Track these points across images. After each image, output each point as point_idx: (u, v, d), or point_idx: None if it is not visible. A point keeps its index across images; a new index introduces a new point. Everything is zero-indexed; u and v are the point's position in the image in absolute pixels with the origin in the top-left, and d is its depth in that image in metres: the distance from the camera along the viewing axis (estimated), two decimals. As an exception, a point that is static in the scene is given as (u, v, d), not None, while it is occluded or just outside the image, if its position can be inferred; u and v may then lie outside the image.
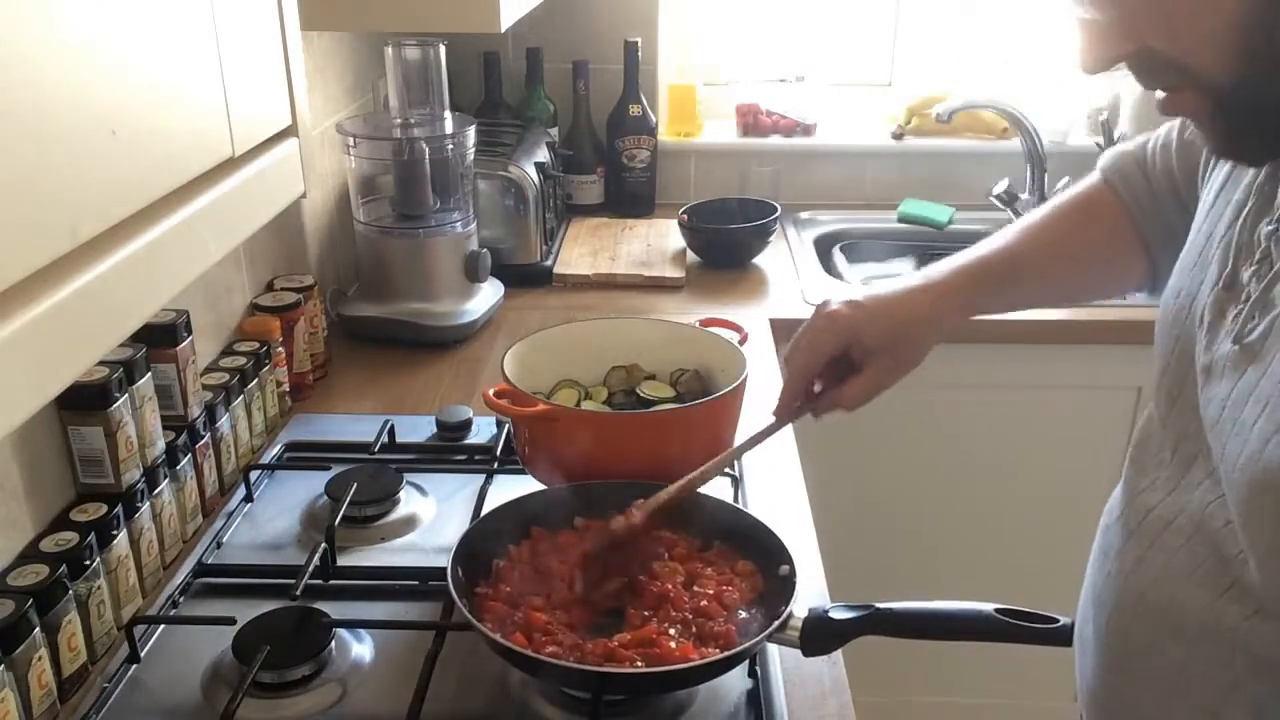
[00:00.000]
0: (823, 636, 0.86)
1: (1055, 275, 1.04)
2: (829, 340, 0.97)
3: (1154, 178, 0.99)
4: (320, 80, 1.65)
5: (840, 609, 0.87)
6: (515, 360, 1.16)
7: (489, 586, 0.95)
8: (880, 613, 0.85)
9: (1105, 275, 1.06)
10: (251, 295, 1.43)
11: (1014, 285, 1.02)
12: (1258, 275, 0.73)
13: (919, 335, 0.98)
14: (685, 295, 1.87)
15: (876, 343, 0.97)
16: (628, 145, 2.18)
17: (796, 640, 0.86)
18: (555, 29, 2.16)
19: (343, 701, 0.93)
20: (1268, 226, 0.74)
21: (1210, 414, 0.75)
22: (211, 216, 0.59)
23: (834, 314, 0.97)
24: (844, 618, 0.86)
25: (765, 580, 0.96)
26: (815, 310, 0.99)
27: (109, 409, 0.99)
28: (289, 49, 0.70)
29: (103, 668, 0.96)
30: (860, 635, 0.86)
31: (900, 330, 0.97)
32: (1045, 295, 1.10)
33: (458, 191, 1.65)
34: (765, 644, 0.89)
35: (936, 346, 1.01)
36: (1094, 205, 1.03)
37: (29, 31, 0.42)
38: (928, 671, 1.92)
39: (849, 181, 2.32)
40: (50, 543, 0.94)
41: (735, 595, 0.94)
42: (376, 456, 1.27)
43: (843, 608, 0.87)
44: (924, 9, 2.33)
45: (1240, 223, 0.77)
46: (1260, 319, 0.71)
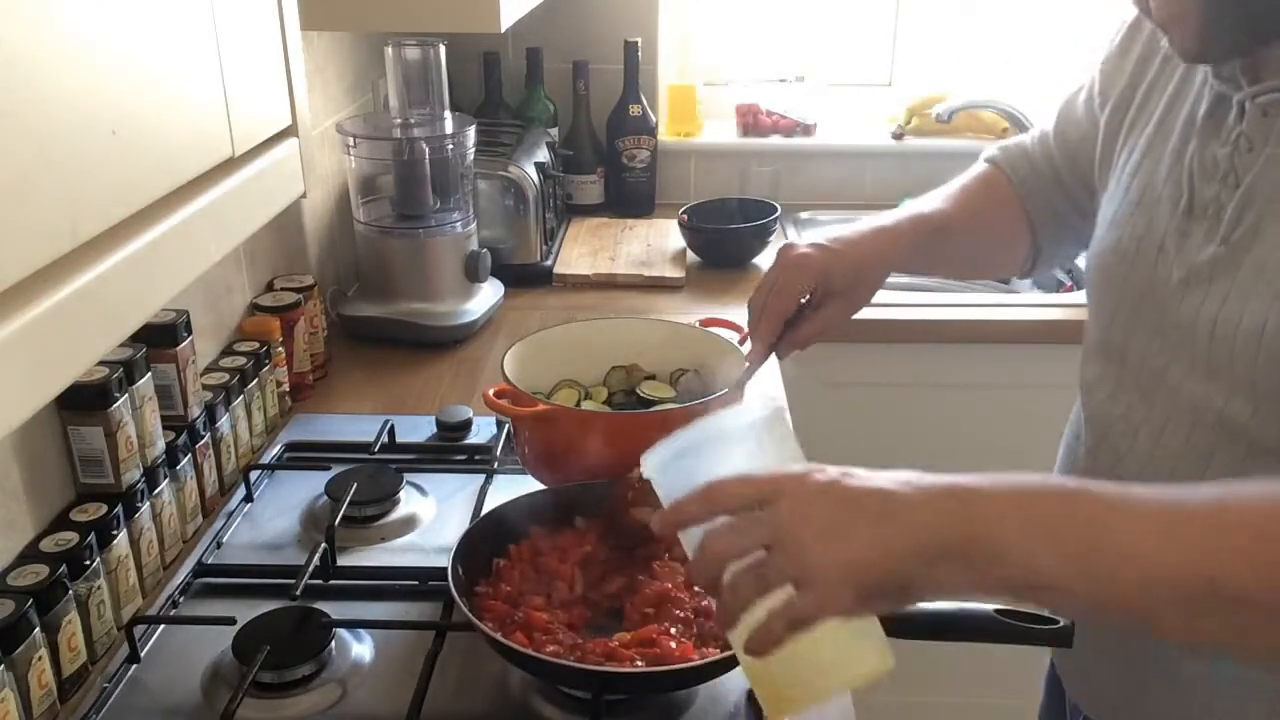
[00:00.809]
0: None
1: (970, 239, 1.12)
2: (803, 281, 1.02)
3: (1035, 161, 1.10)
4: (320, 80, 1.65)
5: None
6: (515, 360, 1.16)
7: (489, 586, 0.96)
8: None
9: (1002, 247, 1.14)
10: (251, 295, 1.43)
11: (944, 242, 1.09)
12: (1226, 186, 0.80)
13: (874, 276, 1.05)
14: (685, 295, 1.87)
15: (842, 283, 1.02)
16: (628, 145, 2.18)
17: None
18: (555, 29, 2.16)
19: (343, 701, 0.93)
20: (1223, 149, 0.80)
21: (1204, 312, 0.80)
22: (211, 216, 0.59)
23: (805, 256, 1.02)
24: None
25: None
26: (781, 253, 1.04)
27: (109, 409, 0.99)
28: (289, 49, 0.70)
29: (103, 668, 0.96)
30: None
31: (862, 271, 1.04)
32: (961, 257, 1.17)
33: (458, 191, 1.65)
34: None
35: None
36: (991, 184, 1.13)
37: (29, 31, 0.42)
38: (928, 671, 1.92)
39: (849, 181, 2.32)
40: (50, 543, 0.94)
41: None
42: (376, 456, 1.27)
43: None
44: (924, 9, 2.33)
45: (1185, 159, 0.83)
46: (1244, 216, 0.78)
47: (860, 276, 1.04)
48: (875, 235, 1.05)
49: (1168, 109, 0.88)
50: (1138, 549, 0.58)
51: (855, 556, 0.60)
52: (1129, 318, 0.88)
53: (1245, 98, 0.78)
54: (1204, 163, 0.82)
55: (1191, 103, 0.85)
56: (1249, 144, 0.78)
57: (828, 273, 1.02)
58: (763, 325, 1.03)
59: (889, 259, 1.06)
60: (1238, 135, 0.79)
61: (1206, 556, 0.57)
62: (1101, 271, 0.92)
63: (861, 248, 1.04)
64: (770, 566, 0.62)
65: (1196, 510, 0.59)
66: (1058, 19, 2.29)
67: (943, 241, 1.09)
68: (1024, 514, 0.59)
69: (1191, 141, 0.83)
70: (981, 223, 1.11)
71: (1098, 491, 0.60)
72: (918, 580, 0.60)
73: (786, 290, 1.02)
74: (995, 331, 1.78)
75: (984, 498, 0.60)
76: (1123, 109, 0.95)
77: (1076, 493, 0.60)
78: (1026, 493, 0.60)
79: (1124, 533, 0.58)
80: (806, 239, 1.07)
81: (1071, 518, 0.59)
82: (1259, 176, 0.77)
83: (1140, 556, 0.58)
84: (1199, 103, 0.84)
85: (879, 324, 1.76)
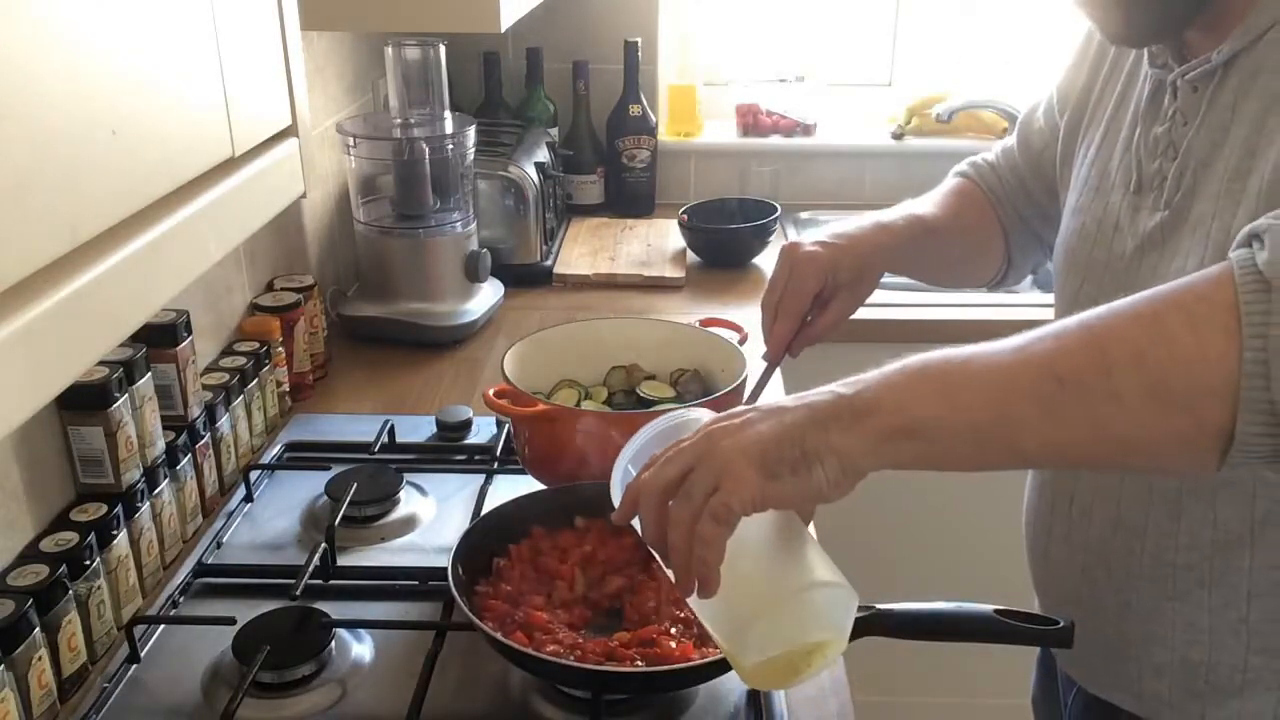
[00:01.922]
0: None
1: (958, 241, 1.14)
2: (814, 279, 1.04)
3: (1001, 170, 1.15)
4: (320, 80, 1.65)
5: None
6: (515, 360, 1.16)
7: (489, 585, 0.96)
8: (880, 613, 0.85)
9: (980, 252, 1.17)
10: (251, 295, 1.43)
11: (934, 243, 1.11)
12: (1167, 158, 0.85)
13: (877, 271, 1.08)
14: (685, 295, 1.87)
15: (849, 277, 1.05)
16: (628, 145, 2.18)
17: None
18: (555, 29, 2.16)
19: (343, 701, 0.93)
20: (1161, 126, 0.85)
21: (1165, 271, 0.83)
22: (211, 216, 0.59)
23: (813, 254, 1.04)
24: None
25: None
26: (786, 252, 1.05)
27: (109, 409, 0.99)
28: (289, 49, 0.70)
29: (103, 668, 0.96)
30: (860, 636, 0.86)
31: (865, 265, 1.06)
32: (942, 260, 1.18)
33: (458, 191, 1.65)
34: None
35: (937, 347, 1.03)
36: (965, 194, 1.16)
37: (29, 32, 0.42)
38: (928, 671, 1.92)
39: (849, 181, 2.32)
40: (50, 543, 0.94)
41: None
42: (376, 456, 1.27)
43: None
44: (924, 9, 2.33)
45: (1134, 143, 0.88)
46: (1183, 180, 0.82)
47: (865, 270, 1.06)
48: (876, 230, 1.08)
49: (1119, 104, 0.93)
50: (990, 367, 0.68)
51: (755, 435, 0.68)
52: (1092, 292, 0.91)
53: (1176, 77, 0.84)
54: (1148, 143, 0.87)
55: (1137, 94, 0.90)
56: (1184, 119, 0.84)
57: (835, 268, 1.04)
58: (779, 324, 1.05)
59: (890, 253, 1.08)
60: (1174, 112, 0.84)
61: (1050, 356, 0.67)
62: (1066, 254, 0.97)
63: (865, 242, 1.07)
64: (693, 483, 0.68)
65: (1041, 332, 0.68)
66: (1058, 19, 2.29)
67: (932, 242, 1.12)
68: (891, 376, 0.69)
69: (1138, 127, 0.89)
70: (964, 227, 1.14)
71: (955, 350, 0.70)
72: (811, 445, 0.67)
73: (798, 288, 1.04)
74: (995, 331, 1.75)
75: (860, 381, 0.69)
76: (1080, 110, 1.00)
77: (934, 354, 0.70)
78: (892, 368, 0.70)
79: (977, 361, 0.69)
80: (808, 238, 1.08)
81: (931, 365, 0.69)
82: (1192, 142, 0.82)
83: (993, 371, 0.68)
84: (1140, 89, 0.90)
85: (879, 324, 1.76)
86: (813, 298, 1.05)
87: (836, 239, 1.06)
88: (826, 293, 1.05)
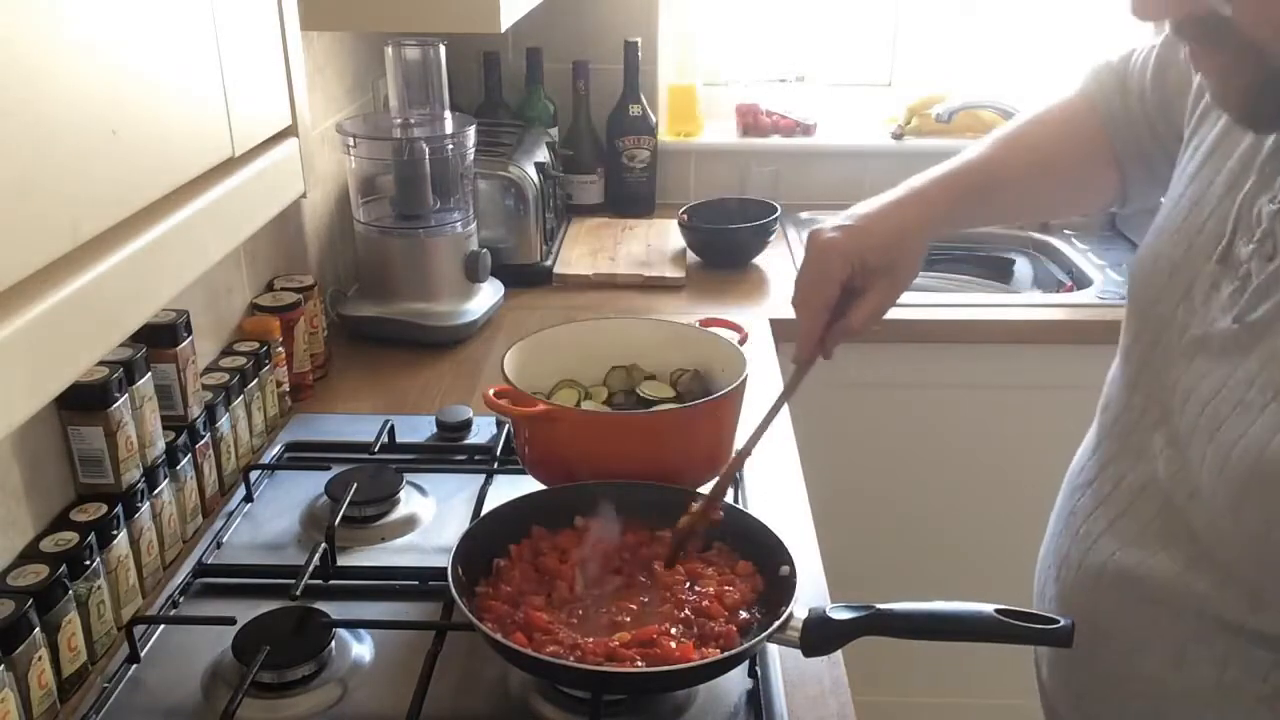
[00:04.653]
0: (823, 637, 0.86)
1: (1031, 186, 1.03)
2: (838, 266, 0.94)
3: (1130, 97, 0.99)
4: (320, 80, 1.65)
5: (840, 609, 0.87)
6: (515, 360, 1.16)
7: (489, 586, 0.95)
8: (881, 613, 0.85)
9: (1078, 189, 1.05)
10: (251, 295, 1.43)
11: (993, 194, 1.01)
12: (1260, 253, 0.73)
13: (912, 247, 0.97)
14: (685, 295, 1.87)
15: (878, 260, 0.94)
16: (628, 145, 2.18)
17: (797, 640, 0.86)
18: (555, 29, 2.16)
19: (343, 701, 0.93)
20: (1271, 206, 0.74)
21: (1202, 390, 0.75)
22: (211, 216, 0.59)
23: (835, 241, 0.94)
24: (844, 618, 0.86)
25: (765, 580, 0.96)
26: (808, 242, 0.96)
27: (109, 409, 0.99)
28: (289, 49, 0.69)
29: (103, 668, 0.96)
30: (860, 636, 0.86)
31: (896, 243, 0.95)
32: (1021, 206, 1.11)
33: (458, 191, 1.65)
34: (765, 644, 0.89)
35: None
36: (1071, 118, 1.03)
37: (29, 31, 0.42)
38: (928, 671, 1.92)
39: (849, 181, 2.31)
40: (50, 543, 0.94)
41: (736, 595, 0.94)
42: (376, 456, 1.27)
43: (843, 608, 0.87)
44: (924, 9, 2.33)
45: (1237, 197, 0.77)
46: (1265, 300, 0.72)
47: (897, 248, 0.95)
48: (902, 203, 0.98)
49: None
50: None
51: None
52: (1144, 350, 0.84)
53: None
54: (1251, 212, 0.75)
55: None
56: None
57: (861, 251, 0.94)
58: (803, 321, 0.96)
59: (924, 224, 0.97)
60: None
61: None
62: (1138, 281, 0.87)
63: (890, 218, 0.96)
64: None
65: None
66: (1057, 19, 2.29)
67: (990, 195, 1.01)
68: None
69: (1249, 177, 0.76)
70: (1048, 169, 1.02)
71: None
72: None
73: (821, 279, 0.94)
74: (995, 331, 1.78)
75: None
76: None
77: None
78: None
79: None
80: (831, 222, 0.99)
81: None
82: None
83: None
84: None
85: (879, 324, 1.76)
86: (839, 288, 0.94)
87: (858, 220, 0.96)
88: (858, 281, 0.95)
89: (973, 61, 2.34)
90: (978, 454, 1.91)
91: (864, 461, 1.88)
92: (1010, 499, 1.93)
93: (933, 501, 1.94)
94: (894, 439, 1.89)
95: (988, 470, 1.91)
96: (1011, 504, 1.94)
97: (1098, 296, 1.88)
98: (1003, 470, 1.91)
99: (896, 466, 1.91)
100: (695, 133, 2.31)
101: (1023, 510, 1.94)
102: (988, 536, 1.95)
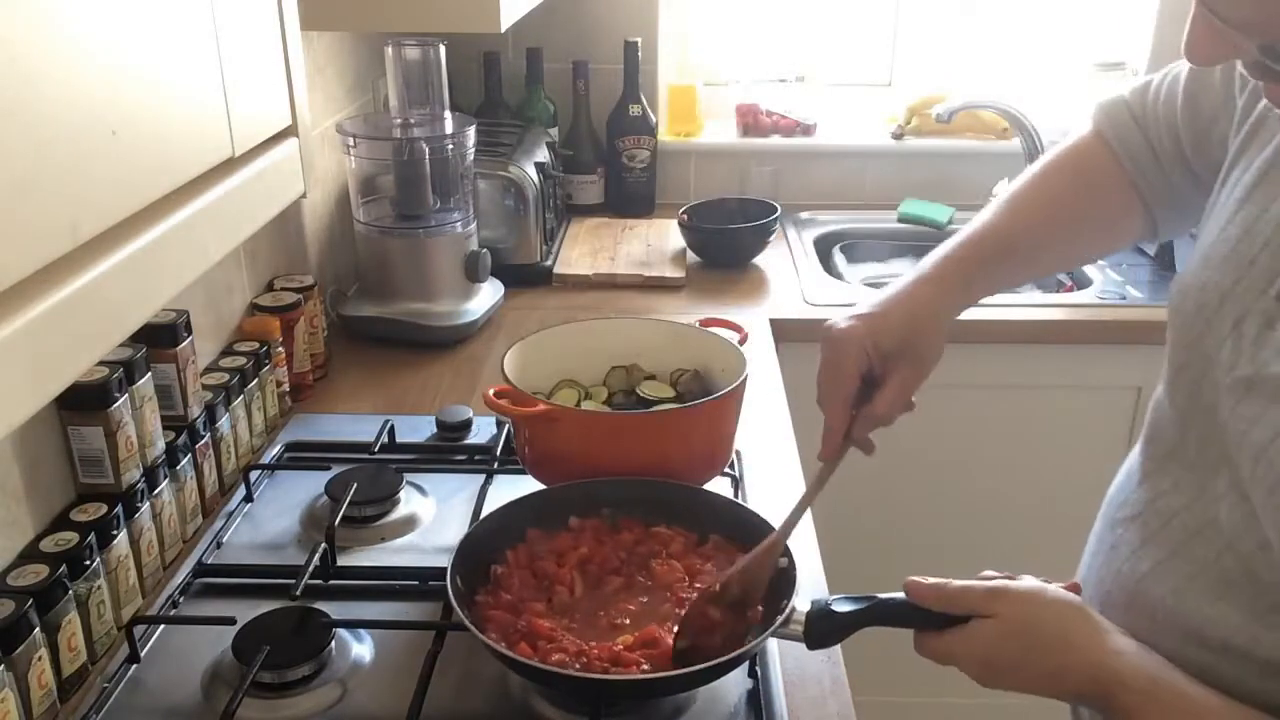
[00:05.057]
0: (826, 629, 0.86)
1: (1052, 243, 1.01)
2: (854, 358, 0.92)
3: (1152, 132, 0.96)
4: (320, 80, 1.65)
5: (843, 601, 0.86)
6: (515, 360, 1.16)
7: (489, 594, 0.95)
8: (883, 604, 0.85)
9: (1103, 234, 1.02)
10: (251, 295, 1.43)
11: (1011, 260, 0.99)
12: None
13: (931, 330, 0.95)
14: (685, 295, 1.87)
15: (895, 346, 0.93)
16: (628, 145, 2.18)
17: (800, 634, 0.86)
18: (555, 29, 2.16)
19: (343, 701, 0.93)
20: None
21: (1254, 436, 0.72)
22: (211, 216, 0.59)
23: (847, 331, 0.93)
24: (847, 610, 0.85)
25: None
26: (824, 337, 0.94)
27: (109, 409, 0.99)
28: (289, 49, 0.70)
29: (103, 668, 0.96)
30: (864, 627, 0.86)
31: (912, 329, 0.93)
32: (1046, 264, 1.08)
33: (458, 191, 1.65)
34: (765, 645, 0.89)
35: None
36: (1086, 163, 0.99)
37: (29, 32, 0.42)
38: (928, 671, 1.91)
39: (849, 181, 2.32)
40: (50, 543, 0.94)
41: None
42: (376, 456, 1.27)
43: (845, 599, 0.86)
44: (924, 9, 2.33)
45: None
46: None
47: (913, 330, 0.93)
48: (919, 287, 0.95)
49: None
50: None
51: None
52: (1189, 386, 0.81)
53: None
54: None
55: None
56: None
57: (876, 340, 0.92)
58: (828, 415, 0.94)
59: (941, 303, 0.95)
60: None
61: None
62: (1181, 314, 0.83)
63: (904, 305, 0.94)
64: None
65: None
66: (1058, 19, 2.29)
67: (1009, 261, 0.98)
68: None
69: None
70: (1056, 219, 0.99)
71: None
72: None
73: (842, 372, 0.92)
74: (996, 331, 1.78)
75: None
76: (1257, 99, 0.80)
77: None
78: None
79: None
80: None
81: None
82: None
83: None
84: None
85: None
86: (859, 380, 0.93)
87: (873, 307, 0.94)
88: (878, 369, 0.93)
89: (973, 61, 2.34)
90: (978, 454, 1.91)
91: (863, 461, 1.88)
92: (1011, 499, 1.94)
93: (933, 501, 1.94)
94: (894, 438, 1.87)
95: (987, 470, 1.91)
96: (1012, 503, 1.95)
97: (1098, 296, 1.88)
98: (1002, 470, 1.91)
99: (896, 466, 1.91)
100: (695, 133, 2.31)
101: (1023, 509, 1.94)
102: (988, 536, 1.95)
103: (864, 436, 0.95)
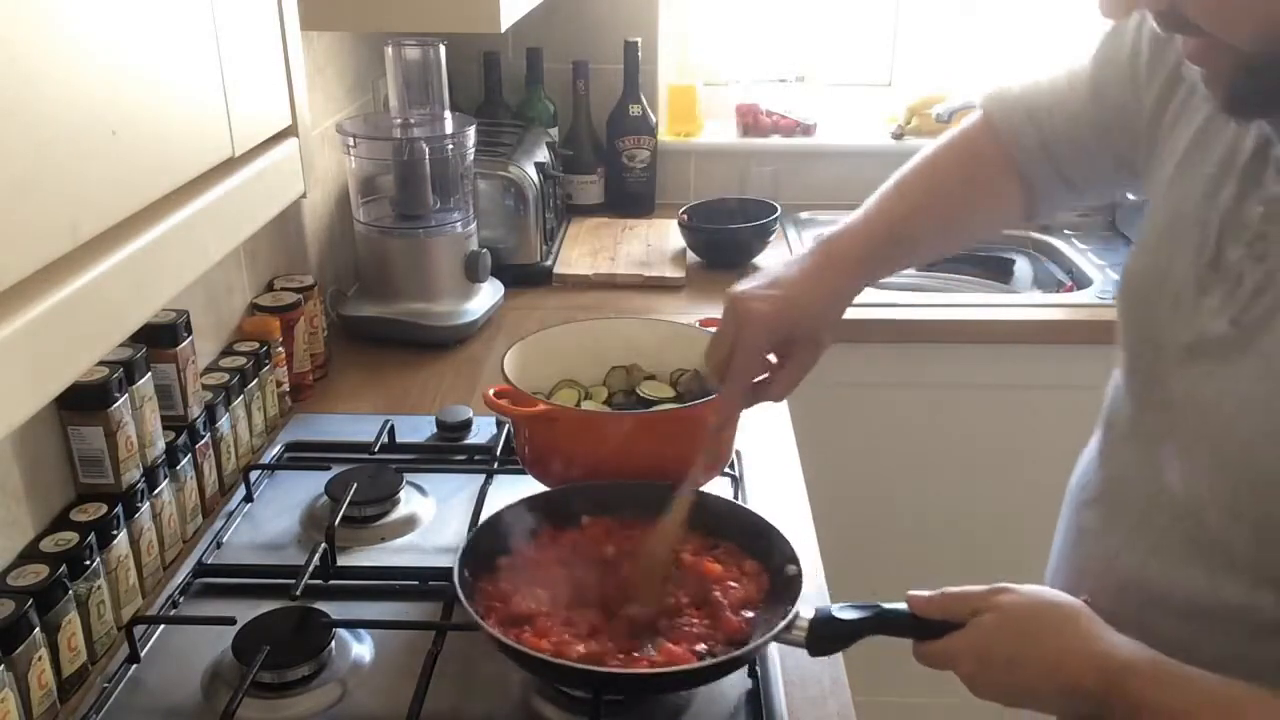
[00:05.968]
0: (829, 637, 0.86)
1: (938, 230, 1.05)
2: (764, 342, 0.95)
3: (1046, 127, 0.98)
4: (320, 80, 1.65)
5: (846, 609, 0.86)
6: (515, 360, 1.16)
7: (492, 585, 0.95)
8: (886, 613, 0.85)
9: (985, 221, 1.08)
10: (251, 295, 1.43)
11: (900, 248, 1.02)
12: (1252, 255, 0.74)
13: (833, 318, 0.99)
14: (685, 295, 1.87)
15: (805, 334, 0.96)
16: (628, 145, 2.18)
17: (803, 640, 0.86)
18: (555, 29, 2.16)
19: (343, 701, 0.93)
20: (1258, 207, 0.74)
21: (1205, 393, 0.76)
22: (211, 216, 0.59)
23: (761, 315, 0.95)
24: (850, 618, 0.85)
25: (770, 580, 0.96)
26: (732, 307, 0.96)
27: (109, 409, 0.99)
28: (289, 49, 0.70)
29: (103, 668, 0.96)
30: (865, 636, 0.86)
31: (821, 313, 0.97)
32: (931, 250, 1.13)
33: (458, 191, 1.65)
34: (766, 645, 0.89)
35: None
36: (973, 150, 1.03)
37: (30, 32, 0.42)
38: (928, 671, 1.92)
39: (849, 181, 2.29)
40: (50, 543, 0.94)
41: (741, 594, 0.93)
42: (376, 456, 1.27)
43: (849, 607, 0.86)
44: (924, 9, 2.33)
45: (1220, 202, 0.77)
46: (1260, 299, 0.73)
47: (823, 318, 0.98)
48: (819, 272, 0.98)
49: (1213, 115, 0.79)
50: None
51: None
52: (1145, 368, 0.84)
53: None
54: (1239, 218, 0.75)
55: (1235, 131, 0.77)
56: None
57: (788, 326, 0.95)
58: (729, 386, 0.97)
59: (846, 291, 0.99)
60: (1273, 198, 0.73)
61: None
62: (1126, 299, 0.87)
63: (814, 289, 0.97)
64: None
65: None
66: (1058, 19, 2.29)
67: (899, 249, 1.02)
68: None
69: (1228, 184, 0.76)
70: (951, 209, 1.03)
71: None
72: None
73: (747, 350, 0.95)
74: (995, 331, 1.78)
75: None
76: (1171, 90, 0.83)
77: None
78: None
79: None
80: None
81: None
82: None
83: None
84: (1244, 135, 0.76)
85: (879, 324, 1.76)
86: (765, 365, 0.97)
87: (784, 289, 0.96)
88: (782, 350, 0.97)
89: (973, 61, 2.34)
90: (978, 454, 1.91)
91: (864, 461, 1.88)
92: (1011, 499, 1.93)
93: (933, 501, 1.94)
94: (894, 439, 1.89)
95: (988, 470, 1.91)
96: (1012, 504, 1.94)
97: (1098, 296, 1.88)
98: (1003, 470, 1.91)
99: (897, 466, 1.91)
100: (695, 133, 2.31)
101: (1023, 510, 1.94)
102: (988, 536, 1.95)
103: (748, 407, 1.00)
